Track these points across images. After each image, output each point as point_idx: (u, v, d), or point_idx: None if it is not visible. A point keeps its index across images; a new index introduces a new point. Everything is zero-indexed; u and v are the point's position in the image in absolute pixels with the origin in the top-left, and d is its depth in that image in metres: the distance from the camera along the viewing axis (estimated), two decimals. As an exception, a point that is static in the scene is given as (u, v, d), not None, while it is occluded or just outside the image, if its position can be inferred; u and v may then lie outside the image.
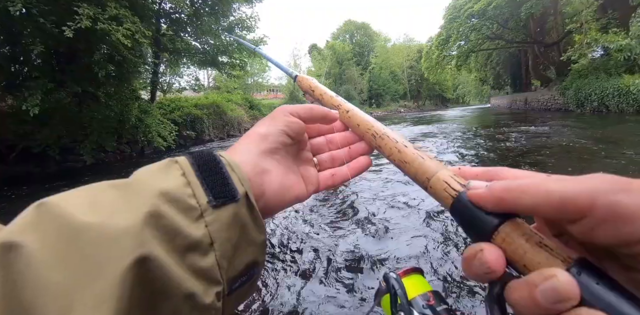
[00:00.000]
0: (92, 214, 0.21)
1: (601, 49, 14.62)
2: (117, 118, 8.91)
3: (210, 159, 0.28)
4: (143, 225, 0.21)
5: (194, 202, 0.25)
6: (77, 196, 0.22)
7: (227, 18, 13.82)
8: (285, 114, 0.35)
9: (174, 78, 17.72)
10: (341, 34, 51.61)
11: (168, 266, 0.21)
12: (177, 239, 0.23)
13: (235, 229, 0.26)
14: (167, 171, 0.26)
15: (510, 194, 0.22)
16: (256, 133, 0.33)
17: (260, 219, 0.28)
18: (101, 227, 0.20)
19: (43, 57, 7.24)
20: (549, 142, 6.83)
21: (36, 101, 6.37)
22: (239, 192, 0.26)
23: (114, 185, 0.24)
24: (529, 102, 22.48)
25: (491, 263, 0.21)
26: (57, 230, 0.19)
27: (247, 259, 0.27)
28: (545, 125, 10.20)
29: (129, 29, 7.02)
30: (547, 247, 0.21)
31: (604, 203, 0.18)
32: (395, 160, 0.33)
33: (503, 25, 22.24)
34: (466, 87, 52.89)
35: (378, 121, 0.38)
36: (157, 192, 0.23)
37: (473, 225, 0.24)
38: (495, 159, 5.45)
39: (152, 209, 0.22)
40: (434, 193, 0.28)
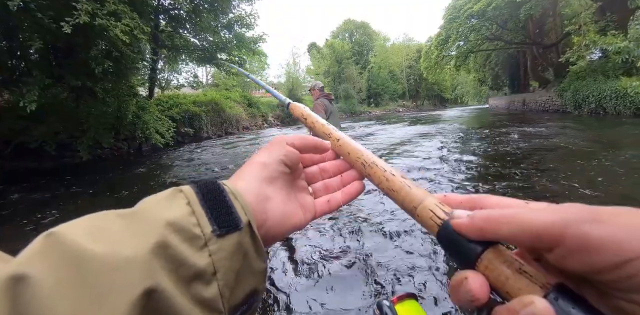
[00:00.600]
0: (101, 243, 0.21)
1: (599, 51, 14.66)
2: (115, 114, 8.87)
3: (214, 188, 0.28)
4: (152, 256, 0.21)
5: (199, 231, 0.25)
6: (85, 225, 0.23)
7: (226, 15, 13.75)
8: (282, 144, 0.36)
9: (172, 75, 17.66)
10: (341, 32, 51.53)
11: (174, 297, 0.21)
12: (182, 269, 0.23)
13: (238, 258, 0.26)
14: (173, 200, 0.27)
15: (490, 224, 0.23)
16: (257, 162, 0.34)
17: (262, 247, 0.29)
18: (109, 257, 0.20)
19: (41, 52, 7.18)
20: (547, 143, 6.86)
21: (33, 97, 6.32)
22: (242, 220, 0.27)
23: (121, 214, 0.24)
24: (527, 103, 22.56)
25: (475, 291, 0.22)
26: (65, 260, 0.20)
27: (248, 288, 0.28)
28: (543, 126, 10.24)
29: (128, 25, 6.97)
30: (527, 274, 0.22)
31: (574, 233, 0.19)
32: (384, 189, 0.34)
33: (502, 26, 22.28)
34: (465, 88, 52.99)
35: (367, 149, 0.39)
36: (164, 221, 0.24)
37: (458, 253, 0.25)
38: (493, 162, 5.47)
39: (160, 239, 0.23)
40: (421, 221, 0.29)
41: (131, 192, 5.17)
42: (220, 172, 6.08)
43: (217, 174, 5.93)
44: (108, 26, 6.58)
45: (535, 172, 4.36)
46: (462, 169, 4.92)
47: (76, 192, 5.34)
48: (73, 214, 2.01)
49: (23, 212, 4.29)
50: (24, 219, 3.93)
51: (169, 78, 17.32)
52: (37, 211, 4.23)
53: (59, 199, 4.91)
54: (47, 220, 3.88)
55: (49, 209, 4.34)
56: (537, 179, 4.03)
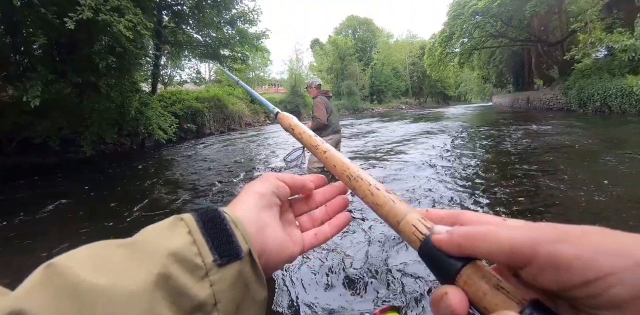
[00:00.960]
0: (101, 275, 0.20)
1: (605, 49, 14.52)
2: (118, 110, 8.89)
3: (215, 216, 0.28)
4: (154, 288, 0.21)
5: (200, 260, 0.25)
6: (85, 256, 0.22)
7: (229, 11, 13.70)
8: (274, 178, 0.37)
9: (175, 71, 17.66)
10: (344, 29, 51.26)
11: None
12: (183, 301, 0.23)
13: (239, 288, 0.26)
14: (174, 229, 0.26)
15: (467, 241, 0.24)
16: (254, 191, 0.34)
17: (262, 276, 0.29)
18: (111, 290, 0.20)
19: (44, 47, 7.19)
20: (552, 142, 6.82)
21: (37, 93, 6.33)
22: (242, 249, 0.27)
23: (122, 244, 0.24)
24: (531, 101, 22.42)
25: (455, 306, 0.23)
26: (65, 293, 0.19)
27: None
28: (548, 124, 10.19)
29: (131, 21, 6.96)
30: (504, 290, 0.22)
31: (544, 252, 0.20)
32: (368, 203, 0.35)
33: (507, 23, 22.07)
34: (468, 85, 52.66)
35: (353, 162, 0.39)
36: (166, 251, 0.24)
37: (438, 268, 0.26)
38: (496, 161, 5.45)
39: (163, 271, 0.22)
40: (403, 235, 0.30)
41: (134, 187, 5.19)
42: (223, 168, 6.09)
43: (219, 171, 5.94)
44: (111, 22, 6.57)
45: (539, 172, 4.34)
46: (464, 168, 4.91)
47: (79, 188, 5.37)
48: (77, 211, 2.01)
49: (25, 207, 4.32)
50: (27, 215, 3.97)
51: (172, 74, 17.33)
52: (40, 206, 4.26)
53: (61, 194, 4.94)
54: (48, 215, 3.91)
55: (51, 204, 4.37)
56: (542, 180, 4.00)
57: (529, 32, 22.74)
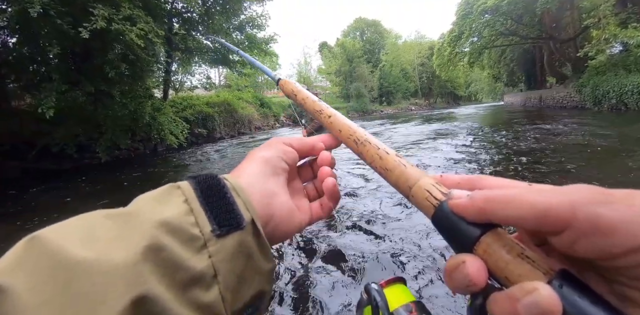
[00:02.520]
0: (87, 248, 0.19)
1: (620, 45, 14.18)
2: (131, 116, 9.09)
3: (215, 183, 0.26)
4: (141, 261, 0.20)
5: (197, 231, 0.23)
6: (71, 228, 0.21)
7: (237, 17, 13.91)
8: (280, 142, 0.36)
9: (186, 76, 17.93)
10: (352, 31, 51.34)
11: (168, 304, 0.20)
12: (179, 273, 0.21)
13: (240, 259, 0.25)
14: (169, 198, 0.25)
15: (492, 205, 0.21)
16: (259, 156, 0.33)
17: (267, 246, 0.27)
18: (96, 264, 0.19)
19: (59, 56, 7.42)
20: (566, 141, 6.68)
21: (51, 103, 6.54)
22: (244, 218, 0.25)
23: (110, 215, 0.23)
24: (543, 100, 22.00)
25: (473, 275, 0.21)
26: (48, 268, 0.18)
27: (253, 290, 0.26)
28: (561, 123, 9.97)
29: (142, 29, 7.13)
30: (529, 259, 0.21)
31: (584, 216, 0.18)
32: (377, 167, 0.33)
33: (517, 21, 21.76)
34: (479, 85, 51.97)
35: (360, 127, 0.37)
36: (157, 222, 0.22)
37: (454, 236, 0.24)
38: (508, 162, 5.36)
39: (152, 242, 0.21)
40: (415, 202, 0.28)
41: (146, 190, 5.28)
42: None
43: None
44: (124, 30, 6.75)
45: (553, 173, 4.25)
46: (475, 170, 4.85)
47: (95, 191, 5.50)
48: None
49: (47, 210, 4.44)
50: (43, 217, 4.08)
51: (183, 80, 17.60)
52: (60, 210, 4.38)
53: (78, 198, 5.06)
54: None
55: (68, 208, 4.49)
56: (556, 181, 3.93)
57: (540, 29, 22.36)
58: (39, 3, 5.80)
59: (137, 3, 7.59)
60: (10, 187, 6.27)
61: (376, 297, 0.49)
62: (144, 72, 9.31)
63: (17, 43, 7.56)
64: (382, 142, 0.35)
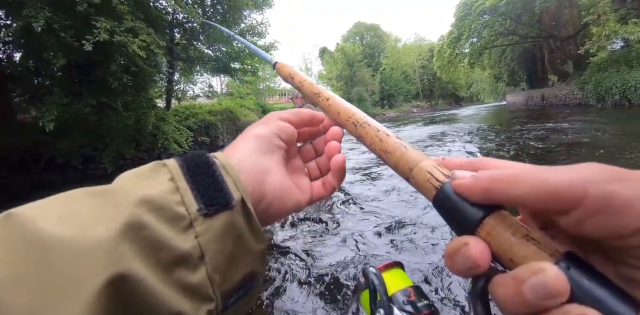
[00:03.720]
0: (64, 226, 0.19)
1: (621, 41, 14.14)
2: (135, 126, 9.17)
3: (203, 161, 0.26)
4: (120, 239, 0.19)
5: (183, 210, 0.22)
6: (49, 206, 0.20)
7: (238, 25, 14.08)
8: (275, 118, 0.35)
9: (188, 86, 18.09)
10: (351, 36, 51.66)
11: (150, 284, 0.19)
12: (162, 253, 0.20)
13: (229, 240, 0.24)
14: (154, 176, 0.24)
15: (498, 184, 0.20)
16: (252, 133, 0.32)
17: (258, 226, 0.26)
18: (73, 242, 0.18)
19: (63, 69, 7.53)
20: (570, 139, 6.63)
21: (52, 116, 6.63)
22: (234, 198, 0.24)
23: (91, 192, 0.22)
24: (546, 98, 21.91)
25: (476, 257, 0.20)
26: (23, 245, 0.18)
27: (243, 271, 0.25)
28: (565, 121, 9.91)
29: (144, 40, 7.22)
30: (534, 241, 0.20)
31: (597, 193, 0.17)
32: (376, 150, 0.32)
33: (516, 21, 21.80)
34: (480, 85, 51.95)
35: (359, 109, 0.37)
36: (139, 199, 0.21)
37: (457, 218, 0.23)
38: (512, 160, 5.34)
39: (132, 219, 0.20)
40: (416, 184, 0.27)
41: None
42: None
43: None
44: (126, 42, 6.84)
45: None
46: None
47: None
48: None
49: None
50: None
51: (185, 89, 17.74)
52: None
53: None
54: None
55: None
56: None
57: (539, 28, 22.36)
58: (43, 17, 5.91)
59: (138, 15, 7.71)
60: (19, 200, 6.32)
61: (374, 280, 0.48)
62: (146, 83, 9.41)
63: (21, 57, 7.69)
64: None
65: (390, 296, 0.49)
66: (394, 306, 0.48)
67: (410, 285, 0.52)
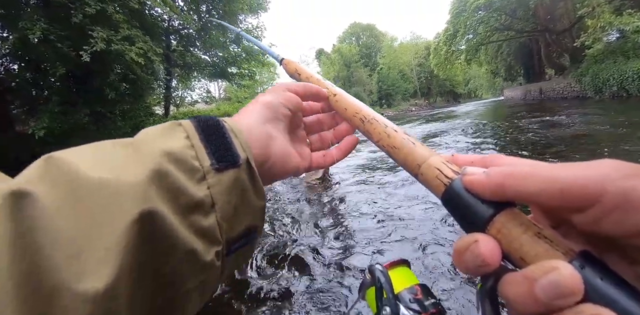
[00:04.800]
0: (99, 169, 0.21)
1: (617, 32, 14.12)
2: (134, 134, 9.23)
3: (214, 124, 0.28)
4: (149, 182, 0.22)
5: (197, 164, 0.25)
6: (84, 152, 0.23)
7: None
8: (283, 89, 0.37)
9: (186, 92, 18.17)
10: (347, 36, 51.75)
11: (171, 222, 0.22)
12: (181, 198, 0.23)
13: (236, 193, 0.26)
14: (172, 133, 0.27)
15: (512, 180, 0.20)
16: (262, 101, 0.34)
17: (260, 185, 0.29)
18: (108, 182, 0.20)
19: (61, 80, 7.59)
20: (569, 131, 6.63)
21: (43, 124, 6.68)
22: (241, 157, 0.27)
23: (119, 143, 0.25)
24: (544, 92, 21.89)
25: (486, 255, 0.20)
26: (65, 183, 0.20)
27: (246, 223, 0.28)
28: (563, 114, 9.90)
29: (141, 48, 7.28)
30: (547, 239, 0.19)
31: (615, 190, 0.17)
32: (384, 146, 0.32)
33: (511, 16, 21.82)
34: (478, 81, 51.95)
35: (366, 105, 0.37)
36: (162, 151, 0.24)
37: (466, 215, 0.23)
38: (513, 153, 5.34)
39: (157, 167, 0.23)
40: (424, 180, 0.27)
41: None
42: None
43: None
44: (123, 50, 6.90)
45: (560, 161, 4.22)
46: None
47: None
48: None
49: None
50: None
51: (183, 95, 17.82)
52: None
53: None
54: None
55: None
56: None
57: (535, 22, 22.37)
58: (39, 29, 5.96)
59: (134, 23, 7.77)
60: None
61: (380, 278, 0.48)
62: (144, 91, 9.49)
63: (19, 69, 7.75)
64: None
65: (397, 294, 0.49)
66: (400, 304, 0.48)
67: (417, 283, 0.52)
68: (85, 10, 6.27)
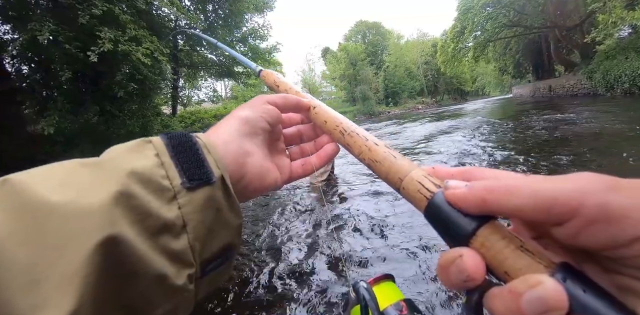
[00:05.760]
0: (60, 192, 0.20)
1: (629, 28, 13.83)
2: (142, 133, 9.31)
3: (186, 140, 0.27)
4: (113, 205, 0.21)
5: (167, 183, 0.24)
6: (44, 173, 0.22)
7: (240, 29, 14.18)
8: (263, 102, 0.36)
9: (193, 91, 18.30)
10: (353, 35, 51.53)
11: (138, 247, 0.21)
12: (149, 220, 0.22)
13: (209, 212, 0.26)
14: (140, 151, 0.25)
15: (494, 195, 0.20)
16: (238, 116, 0.33)
17: (236, 202, 0.28)
18: (69, 206, 0.19)
19: (70, 81, 7.69)
20: (579, 129, 6.50)
21: (52, 121, 6.80)
22: (214, 174, 0.26)
23: (83, 163, 0.23)
24: (553, 89, 21.55)
25: (471, 270, 0.20)
26: (21, 207, 0.19)
27: (221, 242, 0.27)
28: (573, 112, 9.73)
29: (148, 48, 7.33)
30: (529, 252, 0.20)
31: (593, 203, 0.17)
32: (365, 159, 0.32)
33: (520, 12, 21.48)
34: (485, 78, 51.35)
35: (346, 118, 0.37)
36: (128, 171, 0.23)
37: (449, 229, 0.23)
38: (521, 154, 5.26)
39: (123, 188, 0.22)
40: (407, 195, 0.27)
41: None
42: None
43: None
44: (130, 51, 6.95)
45: (569, 164, 4.14)
46: (487, 164, 4.76)
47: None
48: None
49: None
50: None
51: (190, 94, 17.96)
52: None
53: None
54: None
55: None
56: (571, 171, 3.82)
57: (544, 18, 22.00)
58: (47, 30, 6.03)
59: (141, 24, 7.83)
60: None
61: (365, 295, 0.48)
62: (151, 90, 9.56)
63: (30, 70, 7.87)
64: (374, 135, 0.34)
65: (382, 311, 0.48)
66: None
67: (402, 298, 0.52)
68: (92, 11, 6.33)
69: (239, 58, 0.64)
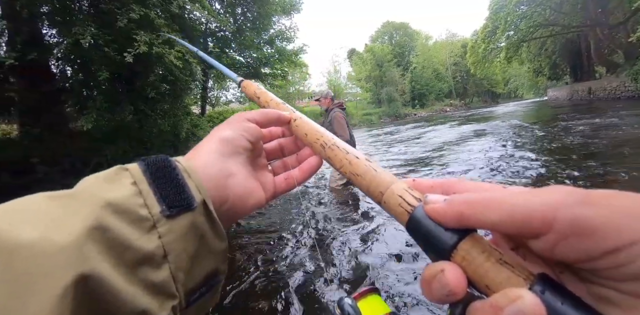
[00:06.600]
0: (27, 229, 0.19)
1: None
2: (173, 132, 9.66)
3: (165, 166, 0.26)
4: (85, 240, 0.19)
5: (146, 212, 0.23)
6: (9, 210, 0.20)
7: (267, 31, 14.42)
8: (242, 119, 0.35)
9: (221, 92, 18.77)
10: (380, 36, 51.15)
11: (115, 283, 0.20)
12: (126, 253, 0.21)
13: (192, 239, 0.25)
14: (116, 180, 0.24)
15: (471, 209, 0.21)
16: (218, 137, 0.32)
17: (220, 227, 0.27)
18: (36, 244, 0.18)
19: (108, 81, 8.11)
20: (624, 135, 6.09)
21: (91, 118, 7.20)
22: (195, 200, 0.25)
23: (53, 196, 0.22)
24: (593, 92, 20.39)
25: (452, 285, 0.20)
26: None
27: (206, 269, 0.26)
28: (616, 116, 9.13)
29: (180, 51, 7.58)
30: (508, 265, 0.20)
31: (565, 218, 0.17)
32: (346, 173, 0.31)
33: (557, 10, 20.51)
34: (518, 80, 49.38)
35: (327, 131, 0.36)
36: (103, 202, 0.22)
37: (431, 243, 0.23)
38: (559, 162, 4.99)
39: (97, 222, 0.21)
40: (388, 208, 0.26)
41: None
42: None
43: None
44: (163, 53, 7.22)
45: (612, 170, 3.88)
46: (521, 172, 4.56)
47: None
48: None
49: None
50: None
51: (219, 95, 18.43)
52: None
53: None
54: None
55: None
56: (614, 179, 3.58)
57: (583, 16, 20.87)
58: (89, 34, 6.38)
59: (174, 27, 8.12)
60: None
61: (350, 312, 0.47)
62: (182, 91, 9.88)
63: (73, 71, 8.37)
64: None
65: None
66: None
67: (388, 312, 0.52)
68: (130, 16, 6.63)
69: (219, 67, 0.63)
